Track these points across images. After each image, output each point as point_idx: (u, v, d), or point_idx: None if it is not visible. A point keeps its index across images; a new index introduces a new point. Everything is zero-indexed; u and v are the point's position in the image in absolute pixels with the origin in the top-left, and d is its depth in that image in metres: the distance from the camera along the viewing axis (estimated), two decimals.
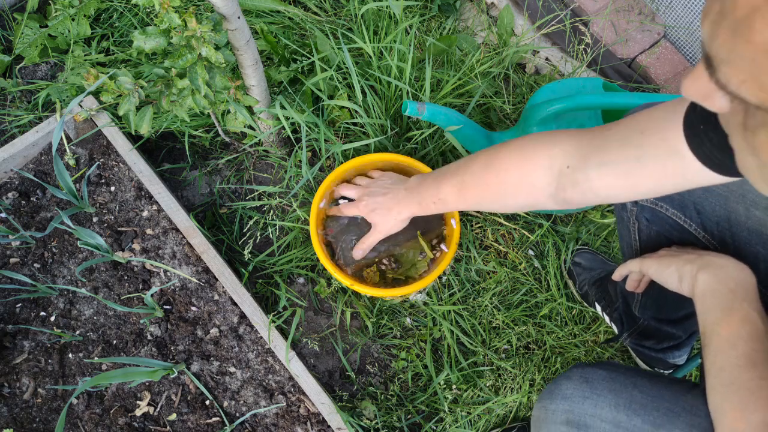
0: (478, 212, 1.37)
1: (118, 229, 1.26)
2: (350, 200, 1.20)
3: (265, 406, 1.16)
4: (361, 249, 1.14)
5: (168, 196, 1.27)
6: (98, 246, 1.14)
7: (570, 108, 1.10)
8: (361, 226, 1.24)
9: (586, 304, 1.35)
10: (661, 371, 1.25)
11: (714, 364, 0.66)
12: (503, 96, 1.45)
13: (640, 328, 1.14)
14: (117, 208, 1.27)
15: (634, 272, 0.90)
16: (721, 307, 0.69)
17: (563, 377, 0.79)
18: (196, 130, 1.36)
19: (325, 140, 1.30)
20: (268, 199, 1.36)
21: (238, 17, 0.95)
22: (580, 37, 1.48)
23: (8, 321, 1.18)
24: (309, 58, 1.36)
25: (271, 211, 1.35)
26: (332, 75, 1.32)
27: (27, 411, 1.12)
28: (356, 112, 1.30)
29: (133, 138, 1.34)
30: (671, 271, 0.78)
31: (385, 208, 1.09)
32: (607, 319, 1.29)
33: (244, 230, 1.36)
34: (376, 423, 1.20)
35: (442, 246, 1.24)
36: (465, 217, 1.36)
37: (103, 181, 1.29)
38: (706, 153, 0.61)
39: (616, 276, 0.92)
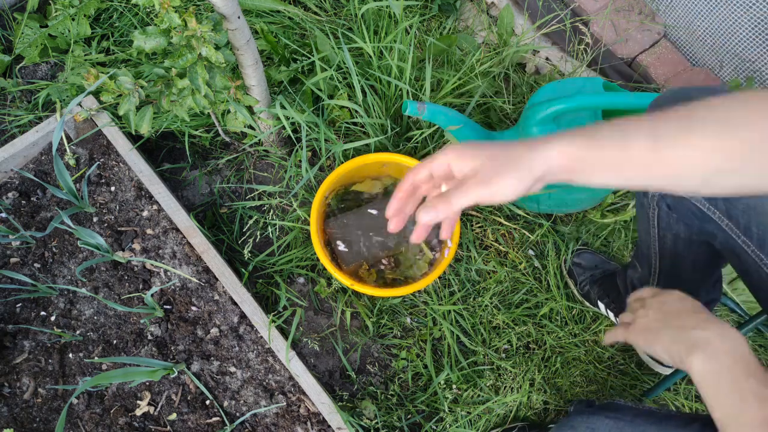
0: (478, 212, 1.37)
1: (118, 229, 1.26)
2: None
3: (265, 406, 1.16)
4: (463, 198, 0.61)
5: (168, 195, 1.27)
6: (98, 246, 1.14)
7: (570, 108, 1.10)
8: (363, 226, 1.25)
9: (587, 304, 1.35)
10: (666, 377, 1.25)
11: None
12: (503, 96, 1.45)
13: None
14: (117, 207, 1.27)
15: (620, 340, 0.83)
16: (729, 391, 0.64)
17: (567, 427, 0.77)
18: (196, 130, 1.36)
19: (325, 140, 1.30)
20: (268, 199, 1.36)
21: (238, 17, 0.95)
22: (580, 36, 1.48)
23: (8, 321, 1.18)
24: (309, 58, 1.36)
25: (271, 211, 1.35)
26: (332, 75, 1.32)
27: (27, 411, 1.12)
28: (356, 111, 1.30)
29: (133, 138, 1.34)
30: (659, 352, 0.73)
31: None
32: (611, 315, 1.29)
33: (244, 230, 1.36)
34: (376, 423, 1.20)
35: (444, 245, 1.24)
36: (465, 216, 1.36)
37: (103, 181, 1.29)
38: None
39: (606, 342, 0.88)
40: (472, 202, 0.59)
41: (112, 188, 1.29)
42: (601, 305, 1.30)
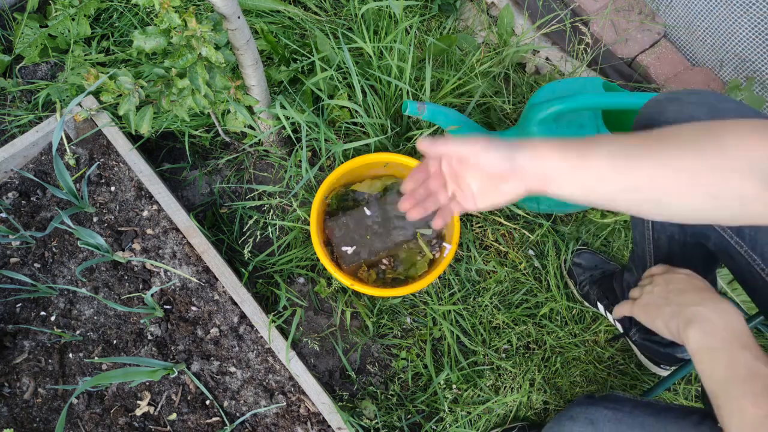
0: (478, 211, 1.37)
1: (118, 228, 1.26)
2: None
3: (265, 406, 1.16)
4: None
5: (168, 195, 1.27)
6: (98, 246, 1.14)
7: (570, 108, 1.10)
8: (363, 226, 1.24)
9: (587, 304, 1.35)
10: (663, 368, 1.25)
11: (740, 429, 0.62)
12: (503, 96, 1.45)
13: None
14: (117, 207, 1.27)
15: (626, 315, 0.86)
16: (724, 364, 0.65)
17: (566, 418, 0.77)
18: (196, 130, 1.36)
19: (325, 140, 1.30)
20: (268, 199, 1.36)
21: (238, 17, 0.95)
22: (580, 36, 1.48)
23: (8, 321, 1.18)
24: (309, 58, 1.36)
25: (271, 211, 1.35)
26: (332, 75, 1.32)
27: (27, 411, 1.12)
28: (356, 111, 1.30)
29: (133, 138, 1.34)
30: (659, 326, 0.76)
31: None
32: (610, 317, 1.30)
33: (244, 230, 1.36)
34: (376, 423, 1.20)
35: (444, 245, 1.24)
36: (465, 216, 1.36)
37: (103, 181, 1.29)
38: None
39: (616, 316, 0.90)
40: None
41: (112, 188, 1.29)
42: (600, 306, 1.30)
